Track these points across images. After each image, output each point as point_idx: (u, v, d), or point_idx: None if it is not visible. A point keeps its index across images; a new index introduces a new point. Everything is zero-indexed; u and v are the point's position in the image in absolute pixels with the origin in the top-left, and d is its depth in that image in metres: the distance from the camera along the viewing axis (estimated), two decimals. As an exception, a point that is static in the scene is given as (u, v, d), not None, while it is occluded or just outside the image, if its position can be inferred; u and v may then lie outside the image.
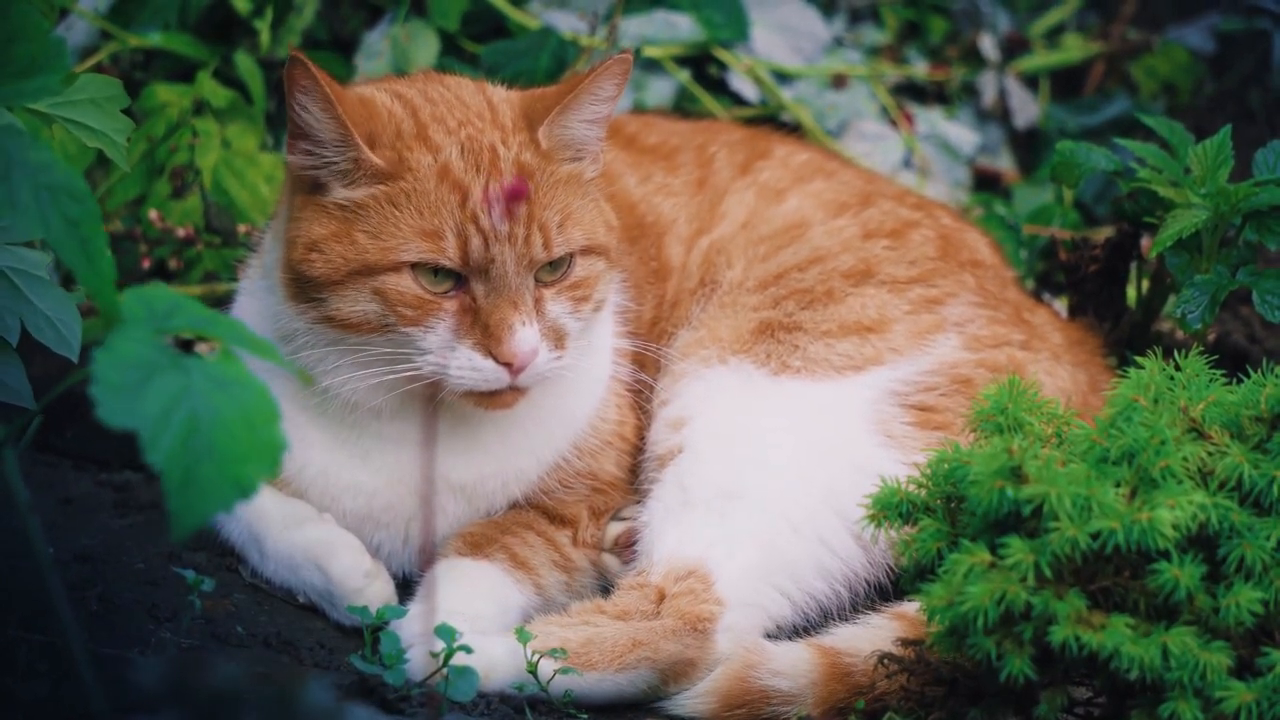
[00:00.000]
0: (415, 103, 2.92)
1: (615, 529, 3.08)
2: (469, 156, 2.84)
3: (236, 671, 2.01)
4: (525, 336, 2.80)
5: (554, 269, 2.87)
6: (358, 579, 2.94)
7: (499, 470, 3.03)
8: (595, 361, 3.08)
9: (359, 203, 2.83)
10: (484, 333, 2.81)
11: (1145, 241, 3.49)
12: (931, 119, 4.26)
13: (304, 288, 2.86)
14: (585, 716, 2.77)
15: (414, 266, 2.81)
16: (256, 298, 3.04)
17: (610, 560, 3.06)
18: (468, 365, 2.81)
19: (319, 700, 2.03)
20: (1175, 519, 2.39)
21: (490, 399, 2.86)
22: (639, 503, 3.06)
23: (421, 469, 2.99)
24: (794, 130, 3.99)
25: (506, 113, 2.92)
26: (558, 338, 2.87)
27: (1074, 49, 4.51)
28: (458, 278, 2.82)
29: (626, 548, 3.04)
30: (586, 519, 3.09)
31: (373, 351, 2.85)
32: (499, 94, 2.98)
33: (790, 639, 2.86)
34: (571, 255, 2.88)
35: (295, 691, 2.01)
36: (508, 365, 2.80)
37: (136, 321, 2.08)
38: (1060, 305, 3.63)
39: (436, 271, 2.81)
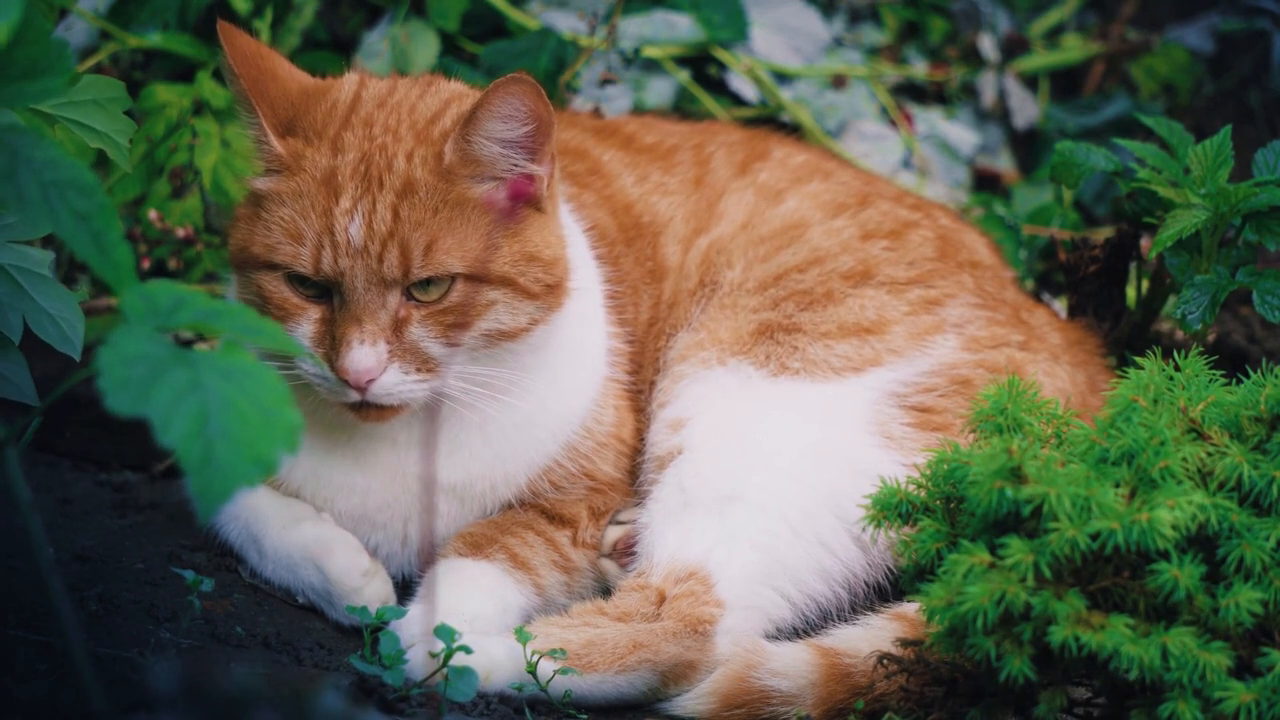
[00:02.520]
0: (363, 100, 2.91)
1: (613, 533, 3.08)
2: (361, 165, 2.81)
3: (248, 675, 2.01)
4: (360, 355, 2.77)
5: (426, 290, 2.82)
6: (356, 578, 2.94)
7: (486, 471, 3.03)
8: (580, 366, 3.08)
9: (260, 192, 2.86)
10: (331, 344, 2.81)
11: (1145, 242, 3.49)
12: (931, 119, 4.26)
13: (230, 266, 2.93)
14: (585, 717, 2.77)
15: (284, 268, 2.82)
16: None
17: (609, 565, 3.06)
18: (319, 374, 2.82)
19: (332, 705, 2.03)
20: (1175, 519, 2.40)
21: (357, 411, 2.86)
22: (637, 505, 3.07)
23: (421, 469, 2.99)
24: (793, 131, 3.99)
25: (443, 125, 2.86)
26: (421, 361, 2.82)
27: (1074, 49, 4.51)
28: (321, 285, 2.82)
29: (625, 553, 3.04)
30: (586, 519, 3.09)
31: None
32: (464, 105, 2.90)
33: (790, 640, 2.86)
34: (452, 278, 2.82)
35: (309, 696, 2.01)
36: (345, 380, 2.79)
37: (139, 319, 2.08)
38: (1060, 305, 3.63)
39: (299, 277, 2.82)
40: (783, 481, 2.95)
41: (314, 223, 2.80)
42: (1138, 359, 2.63)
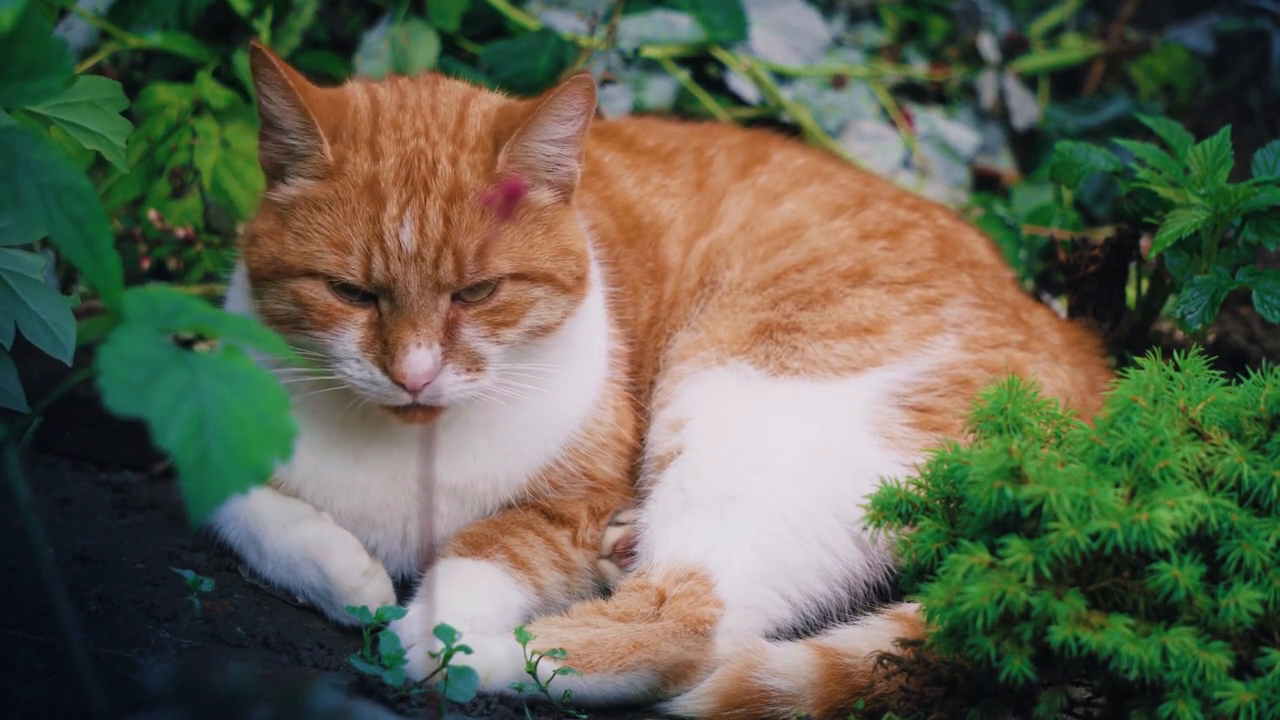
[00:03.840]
0: (383, 105, 2.91)
1: (613, 535, 3.08)
2: (403, 170, 2.82)
3: (246, 674, 2.01)
4: (418, 359, 2.78)
5: (475, 291, 2.83)
6: (355, 577, 2.94)
7: (488, 472, 3.03)
8: (585, 366, 3.08)
9: (296, 200, 2.83)
10: (383, 349, 2.80)
11: (1145, 242, 3.49)
12: (931, 119, 4.26)
13: (250, 279, 2.89)
14: (585, 717, 2.77)
15: (327, 275, 2.81)
16: (247, 292, 3.05)
17: (608, 566, 3.06)
18: (368, 378, 2.82)
19: (327, 702, 2.03)
20: (1174, 519, 2.40)
21: (404, 414, 2.86)
22: (637, 506, 3.07)
23: (420, 469, 2.99)
24: (793, 131, 3.99)
25: (475, 127, 2.89)
26: (472, 361, 2.84)
27: (1073, 49, 4.51)
28: (366, 292, 2.82)
29: (624, 555, 3.04)
30: (586, 519, 3.09)
31: (301, 349, 2.85)
32: (483, 105, 2.94)
33: (790, 640, 2.86)
34: (498, 280, 2.85)
35: (305, 694, 2.01)
36: (400, 385, 2.80)
37: (140, 320, 2.09)
38: (1060, 305, 3.63)
39: (345, 285, 2.81)
40: (783, 481, 2.95)
41: (360, 229, 2.79)
42: (1138, 359, 2.63)
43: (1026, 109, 4.38)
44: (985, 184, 4.31)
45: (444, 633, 2.66)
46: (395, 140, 2.84)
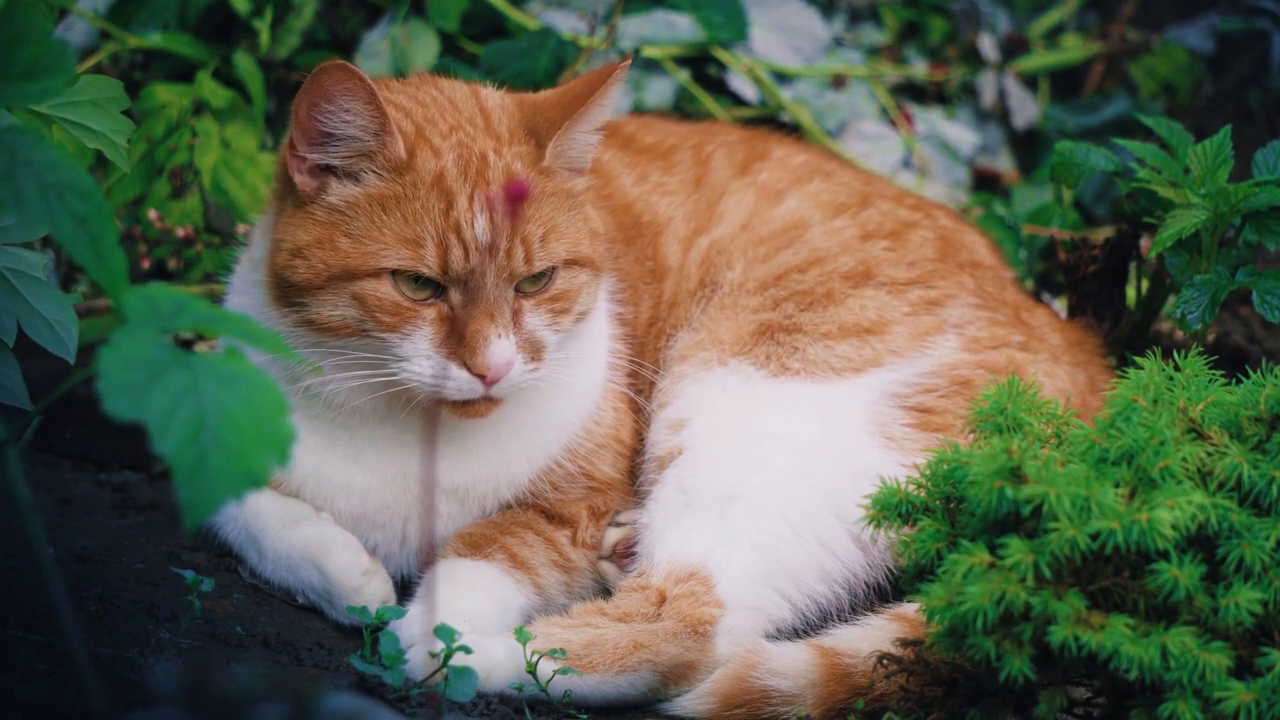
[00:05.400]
0: (407, 106, 2.91)
1: (612, 535, 3.08)
2: (461, 164, 2.84)
3: (248, 674, 2.01)
4: (500, 349, 2.79)
5: (535, 280, 2.87)
6: (355, 577, 2.94)
7: (491, 474, 3.03)
8: (588, 365, 3.08)
9: (357, 201, 2.82)
10: (459, 343, 2.80)
11: (1145, 242, 3.49)
12: (931, 119, 4.26)
13: (286, 292, 2.87)
14: (585, 717, 2.77)
15: (394, 273, 2.81)
16: (247, 294, 3.04)
17: (608, 567, 3.06)
18: (442, 374, 2.81)
19: (339, 705, 2.02)
20: (1174, 519, 2.40)
21: (464, 408, 2.86)
22: (636, 506, 3.06)
23: (421, 470, 2.99)
24: (793, 131, 3.99)
25: (503, 121, 2.91)
26: (534, 350, 2.86)
27: (1073, 49, 4.51)
28: (437, 286, 2.82)
29: (624, 556, 3.04)
30: (586, 519, 3.09)
31: (351, 355, 2.85)
32: (493, 99, 2.97)
33: (790, 640, 2.86)
34: (554, 268, 2.88)
35: (312, 696, 2.01)
36: (481, 377, 2.80)
37: (140, 320, 2.08)
38: (1060, 305, 3.63)
39: (416, 280, 2.81)
40: (783, 482, 2.95)
41: (435, 223, 2.80)
42: (1138, 359, 2.63)
43: (1026, 109, 4.38)
44: (985, 184, 4.32)
45: (444, 633, 2.66)
46: (439, 135, 2.86)
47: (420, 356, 2.82)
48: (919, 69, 4.37)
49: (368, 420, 2.97)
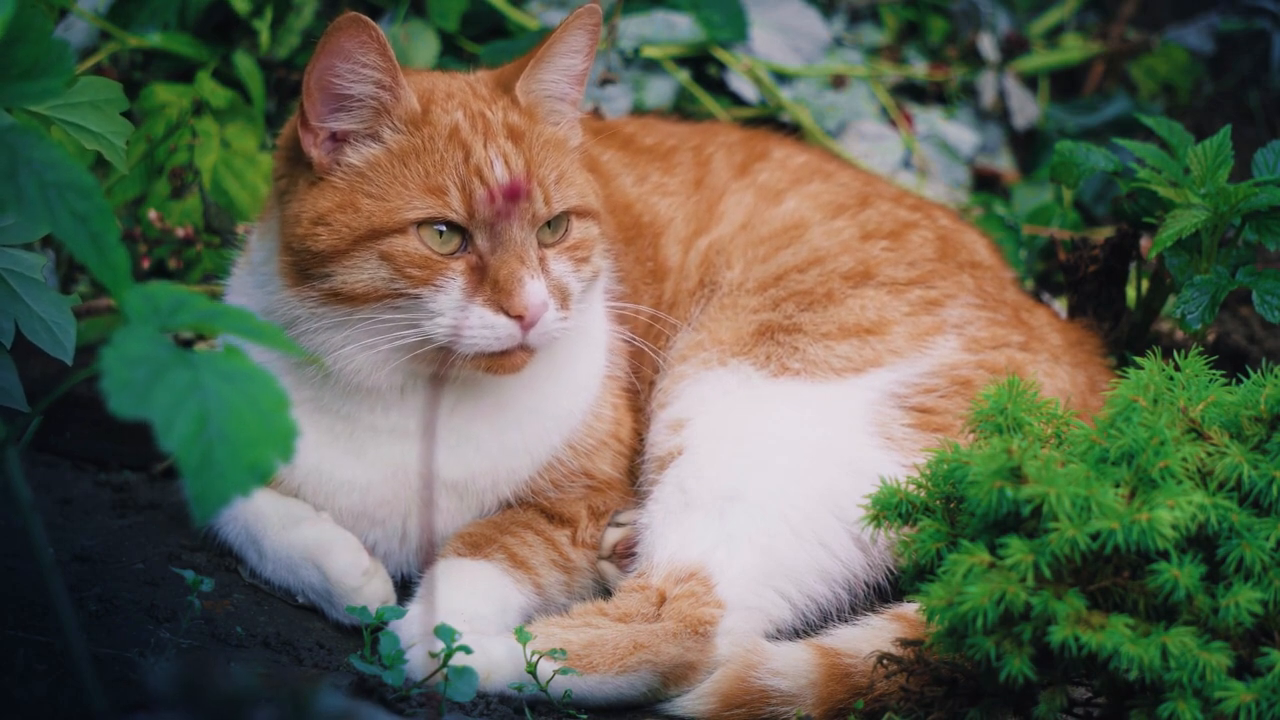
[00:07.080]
0: (410, 77, 2.97)
1: (612, 536, 3.08)
2: (468, 119, 2.90)
3: (248, 674, 2.01)
4: (535, 289, 2.82)
5: (553, 230, 2.91)
6: (355, 577, 2.94)
7: (491, 468, 3.03)
8: (589, 357, 3.09)
9: (377, 159, 2.86)
10: (494, 288, 2.83)
11: (1145, 242, 3.49)
12: (931, 119, 4.26)
13: (307, 266, 2.87)
14: (585, 717, 2.77)
15: (420, 226, 2.83)
16: (246, 295, 3.05)
17: (608, 568, 3.06)
18: (479, 324, 2.82)
19: (331, 704, 2.02)
20: (1174, 519, 2.40)
21: (499, 360, 2.87)
22: (636, 507, 3.07)
23: (420, 462, 2.99)
24: (793, 131, 3.99)
25: (482, 87, 2.98)
26: (563, 296, 2.90)
27: (1073, 49, 4.51)
28: (463, 236, 2.84)
29: (624, 556, 3.04)
30: (586, 519, 3.09)
31: (380, 322, 2.85)
32: (470, 76, 3.04)
33: (790, 640, 2.86)
34: (568, 215, 2.92)
35: (308, 695, 2.01)
36: (519, 318, 2.82)
37: (141, 319, 2.09)
38: (1060, 305, 3.63)
39: (442, 231, 2.83)
40: (783, 482, 2.95)
41: (457, 169, 2.85)
42: (1138, 359, 2.63)
43: (1026, 109, 4.38)
44: (985, 184, 4.32)
45: (444, 633, 2.66)
46: (444, 98, 2.93)
47: (454, 309, 2.83)
48: (919, 69, 4.37)
49: (374, 407, 2.97)
